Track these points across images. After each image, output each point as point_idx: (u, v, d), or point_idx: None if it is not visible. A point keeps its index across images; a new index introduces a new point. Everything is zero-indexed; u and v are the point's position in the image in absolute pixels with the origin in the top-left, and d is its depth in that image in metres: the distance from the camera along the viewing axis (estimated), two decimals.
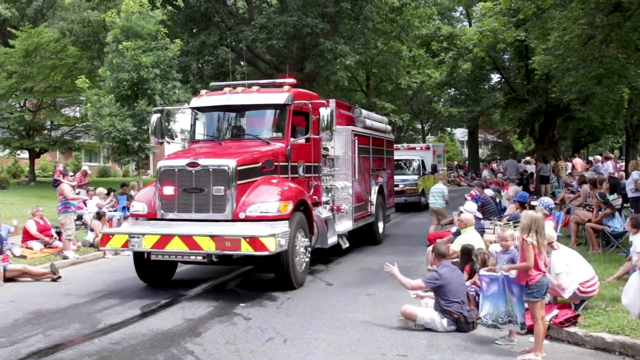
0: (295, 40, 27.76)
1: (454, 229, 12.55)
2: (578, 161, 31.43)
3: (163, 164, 11.03)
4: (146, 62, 20.68)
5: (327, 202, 13.76)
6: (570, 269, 8.29)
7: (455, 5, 43.31)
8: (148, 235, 10.27)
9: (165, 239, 10.12)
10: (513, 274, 7.37)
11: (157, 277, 11.56)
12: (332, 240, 12.89)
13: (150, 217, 10.91)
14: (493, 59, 32.03)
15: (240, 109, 12.52)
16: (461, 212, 11.76)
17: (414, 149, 31.22)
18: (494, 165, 50.06)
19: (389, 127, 19.41)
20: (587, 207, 15.06)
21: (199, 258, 10.17)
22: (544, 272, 7.24)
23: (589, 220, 13.81)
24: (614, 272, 10.38)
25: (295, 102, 12.18)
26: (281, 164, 11.55)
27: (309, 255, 11.55)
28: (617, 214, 13.72)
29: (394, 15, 33.75)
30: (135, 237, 10.34)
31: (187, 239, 9.98)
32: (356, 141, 14.94)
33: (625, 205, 15.41)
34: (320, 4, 28.32)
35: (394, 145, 30.09)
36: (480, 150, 62.66)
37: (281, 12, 29.03)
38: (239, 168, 10.52)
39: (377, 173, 17.11)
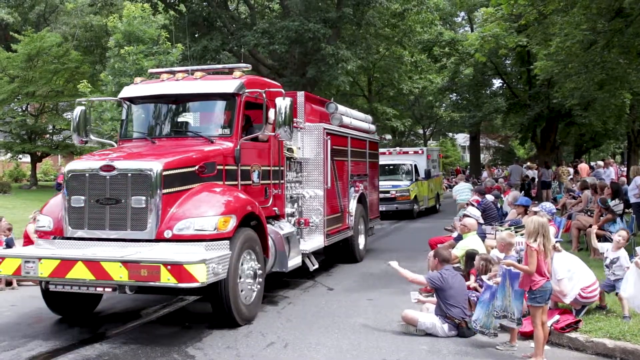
0: (297, 45, 27.80)
1: (455, 234, 12.52)
2: (583, 166, 31.41)
3: (71, 167, 8.84)
4: (148, 67, 20.72)
5: (291, 215, 11.76)
6: (571, 275, 8.29)
7: (457, 10, 43.33)
8: (45, 259, 8.05)
9: (67, 264, 7.92)
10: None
11: (74, 309, 9.41)
12: (294, 262, 10.78)
13: (58, 234, 8.81)
14: (495, 65, 32.13)
15: (179, 100, 10.23)
16: (465, 215, 11.73)
17: (407, 153, 29.31)
18: (496, 171, 50.02)
19: (372, 127, 17.37)
20: (589, 213, 15.04)
21: (108, 290, 8.05)
22: (548, 278, 7.24)
23: (591, 226, 13.79)
24: None
25: (248, 91, 9.89)
26: (228, 167, 9.37)
27: (262, 282, 9.36)
28: (618, 219, 13.71)
29: (396, 21, 33.82)
30: (30, 261, 8.12)
31: (93, 265, 7.81)
32: (329, 141, 12.82)
33: (626, 210, 15.39)
34: (323, 9, 28.38)
35: (395, 149, 30.11)
36: (482, 156, 62.63)
37: (283, 17, 29.09)
38: (165, 173, 8.35)
39: (358, 179, 15.03)
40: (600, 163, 29.48)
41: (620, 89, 22.17)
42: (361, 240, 15.24)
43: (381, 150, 27.79)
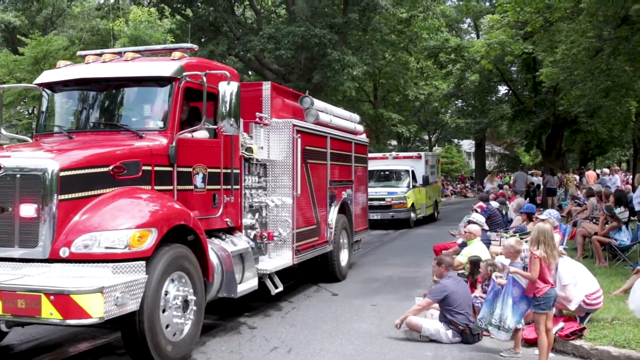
0: (303, 50, 27.83)
1: (460, 240, 12.52)
2: (591, 174, 31.41)
3: None
4: None
5: (251, 227, 9.88)
6: (576, 281, 8.29)
7: (463, 17, 43.40)
8: None
9: None
10: (522, 282, 7.36)
11: None
12: (247, 285, 8.84)
13: None
14: (500, 71, 32.14)
15: (105, 86, 8.34)
16: (470, 221, 11.73)
17: (404, 158, 27.88)
18: (500, 179, 50.03)
19: (359, 127, 15.19)
20: (594, 220, 15.02)
21: None
22: (552, 285, 7.26)
23: (596, 233, 13.77)
24: (621, 285, 10.34)
25: (189, 74, 8.06)
26: (159, 168, 7.54)
27: (198, 312, 7.45)
28: (623, 227, 13.67)
29: (402, 27, 33.83)
30: None
31: None
32: (299, 140, 10.86)
33: (632, 218, 15.37)
34: (329, 14, 28.43)
35: (391, 154, 29.71)
36: (487, 162, 62.65)
37: (289, 23, 29.14)
38: (64, 174, 6.54)
39: (340, 186, 13.14)
40: (606, 170, 29.47)
41: (626, 96, 22.21)
42: (343, 256, 13.35)
43: (379, 155, 27.60)
